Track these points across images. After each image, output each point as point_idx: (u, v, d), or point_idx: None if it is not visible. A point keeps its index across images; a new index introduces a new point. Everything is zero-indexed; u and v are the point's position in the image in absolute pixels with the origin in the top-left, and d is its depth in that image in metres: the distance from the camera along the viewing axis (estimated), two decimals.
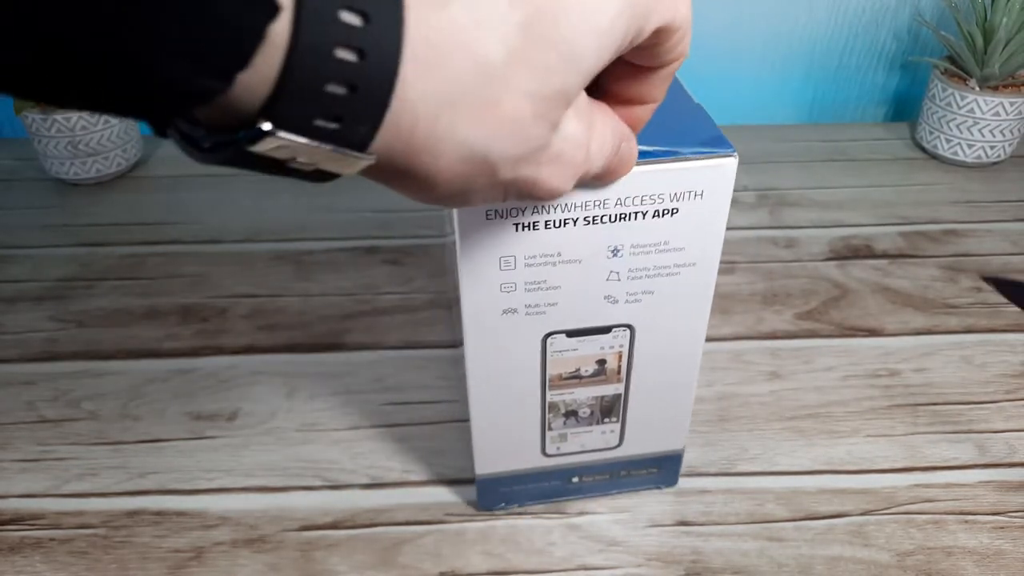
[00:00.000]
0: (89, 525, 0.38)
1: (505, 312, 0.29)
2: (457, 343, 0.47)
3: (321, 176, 0.18)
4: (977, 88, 0.64)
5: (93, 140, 0.63)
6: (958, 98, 0.64)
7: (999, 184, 0.65)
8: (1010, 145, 0.66)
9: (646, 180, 0.26)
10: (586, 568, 0.36)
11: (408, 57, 0.16)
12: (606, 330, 0.31)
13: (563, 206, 0.26)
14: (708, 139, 0.27)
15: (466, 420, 0.43)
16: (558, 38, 0.17)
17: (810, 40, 0.73)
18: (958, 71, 0.65)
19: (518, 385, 0.32)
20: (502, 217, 0.27)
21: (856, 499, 0.39)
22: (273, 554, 0.36)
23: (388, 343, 0.49)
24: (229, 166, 0.17)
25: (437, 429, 0.43)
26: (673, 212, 0.28)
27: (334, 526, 0.38)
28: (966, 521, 0.37)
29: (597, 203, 0.27)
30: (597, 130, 0.21)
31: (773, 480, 0.40)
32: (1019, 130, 0.65)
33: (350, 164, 0.17)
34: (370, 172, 0.18)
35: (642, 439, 0.36)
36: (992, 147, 0.65)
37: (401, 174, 0.18)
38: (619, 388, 0.34)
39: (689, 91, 0.31)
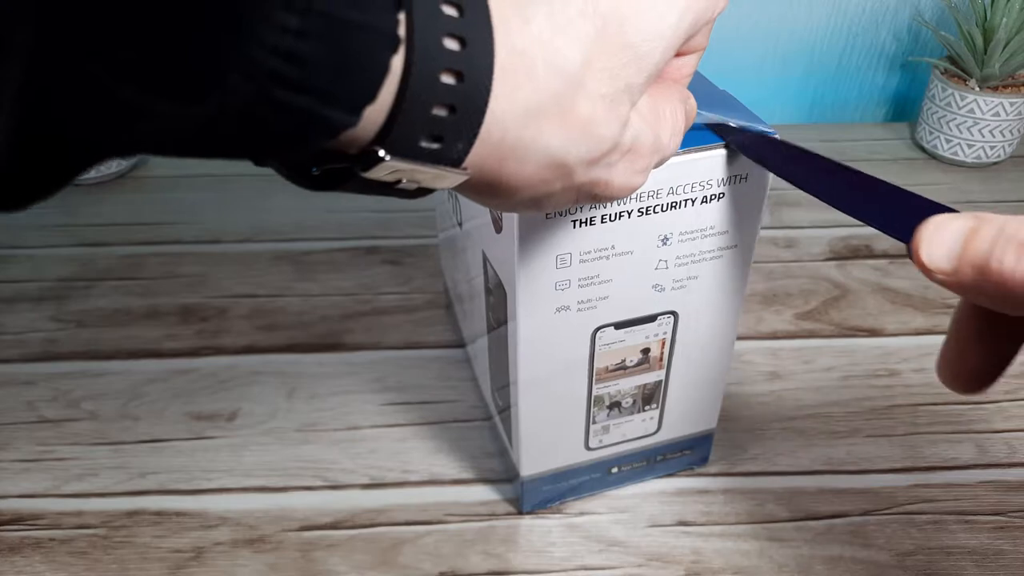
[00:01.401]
0: (89, 525, 0.38)
1: (559, 310, 0.30)
2: (461, 343, 0.48)
3: (421, 192, 0.19)
4: (977, 88, 0.64)
5: None
6: (958, 98, 0.64)
7: (999, 184, 0.65)
8: (1010, 145, 0.66)
9: (699, 167, 0.27)
10: (586, 568, 0.36)
11: (498, 74, 0.17)
12: (652, 319, 0.32)
13: (619, 200, 0.27)
14: (752, 125, 0.28)
15: (467, 420, 0.43)
16: (625, 43, 0.18)
17: (810, 40, 0.73)
18: (958, 71, 0.65)
19: (566, 382, 0.33)
20: (561, 215, 0.27)
21: (856, 499, 0.39)
22: (273, 554, 0.36)
23: (388, 343, 0.48)
24: (336, 191, 0.18)
25: (437, 429, 0.43)
26: (720, 197, 0.28)
27: (334, 526, 0.38)
28: (966, 521, 0.37)
29: (651, 194, 0.27)
30: (666, 117, 0.22)
31: (773, 480, 0.40)
32: (1019, 130, 0.65)
33: (449, 180, 0.18)
34: (460, 185, 0.19)
35: (679, 422, 0.37)
36: (992, 147, 0.65)
37: (487, 184, 0.19)
38: (660, 375, 0.34)
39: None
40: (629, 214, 0.28)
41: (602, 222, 0.28)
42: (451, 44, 0.16)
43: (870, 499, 0.39)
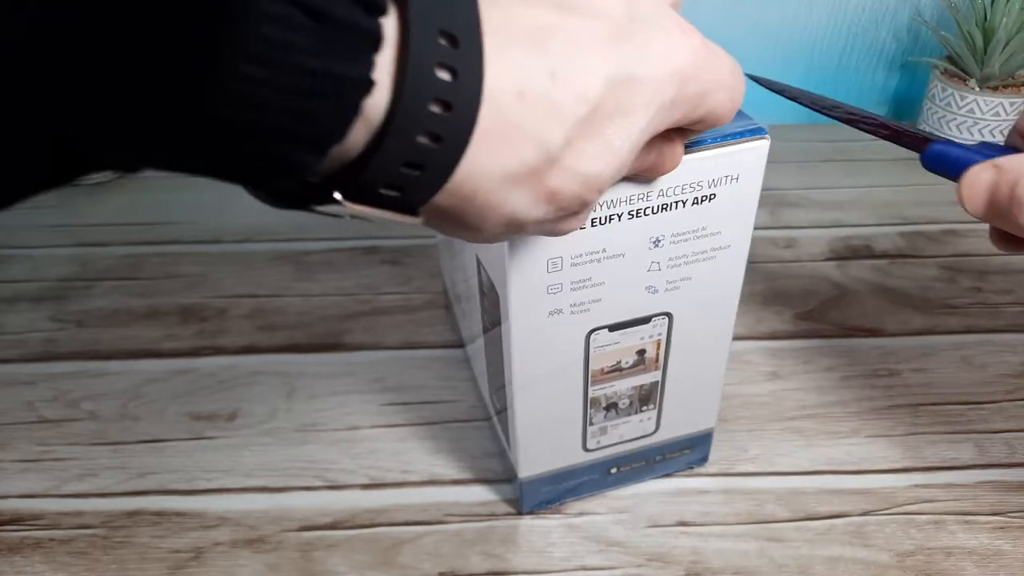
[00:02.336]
0: (89, 525, 0.38)
1: (551, 314, 0.30)
2: (460, 343, 0.48)
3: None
4: (977, 88, 0.64)
5: None
6: (958, 98, 0.64)
7: None
8: None
9: (689, 169, 0.27)
10: (586, 568, 0.36)
11: (479, 138, 0.17)
12: (646, 320, 0.32)
13: (609, 202, 0.27)
14: (741, 125, 0.28)
15: (467, 420, 0.43)
16: (603, 134, 0.19)
17: (810, 40, 0.73)
18: (958, 71, 0.65)
19: (562, 385, 0.33)
20: None
21: (856, 499, 0.39)
22: (273, 554, 0.36)
23: (388, 343, 0.48)
24: (289, 209, 0.18)
25: (437, 429, 0.43)
26: (711, 198, 0.28)
27: (334, 526, 0.38)
28: (966, 521, 0.37)
29: (641, 196, 0.27)
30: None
31: (773, 480, 0.40)
32: None
33: (398, 222, 0.18)
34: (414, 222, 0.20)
35: (677, 422, 0.37)
36: None
37: (447, 223, 0.20)
38: (657, 376, 0.34)
39: None
40: (620, 217, 0.27)
41: (592, 226, 0.27)
42: (435, 107, 0.16)
43: (870, 499, 0.39)
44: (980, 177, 0.25)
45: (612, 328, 0.31)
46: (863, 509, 0.38)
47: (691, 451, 0.39)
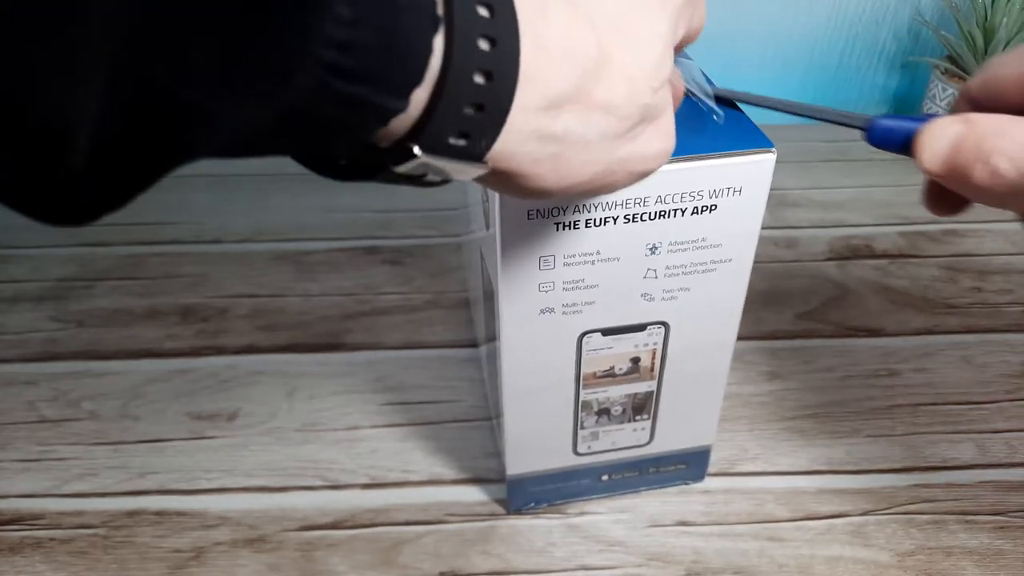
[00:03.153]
0: (89, 525, 0.38)
1: (543, 312, 0.29)
2: (461, 343, 0.48)
3: (443, 182, 0.19)
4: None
5: None
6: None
7: None
8: None
9: (688, 177, 0.27)
10: (586, 568, 0.36)
11: (523, 70, 0.17)
12: (641, 328, 0.31)
13: (604, 205, 0.27)
14: (747, 136, 0.27)
15: (467, 420, 0.43)
16: (633, 26, 0.19)
17: (810, 40, 0.73)
18: (958, 71, 0.65)
19: (552, 384, 0.32)
20: (543, 217, 0.27)
21: (856, 499, 0.39)
22: (273, 554, 0.36)
23: (388, 343, 0.48)
24: (362, 182, 0.18)
25: (437, 429, 0.43)
26: (712, 208, 0.28)
27: (334, 526, 0.38)
28: (966, 521, 0.37)
29: (638, 201, 0.27)
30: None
31: (773, 480, 0.40)
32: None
33: (470, 173, 0.19)
34: (484, 177, 0.20)
35: (672, 436, 0.36)
36: None
37: (512, 174, 0.19)
38: (652, 385, 0.34)
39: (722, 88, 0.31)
40: (615, 220, 0.27)
41: (586, 226, 0.27)
42: (483, 44, 0.16)
43: (870, 499, 0.39)
44: (946, 130, 0.24)
45: (605, 332, 0.31)
46: (863, 509, 0.38)
47: (686, 467, 0.38)
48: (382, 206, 0.62)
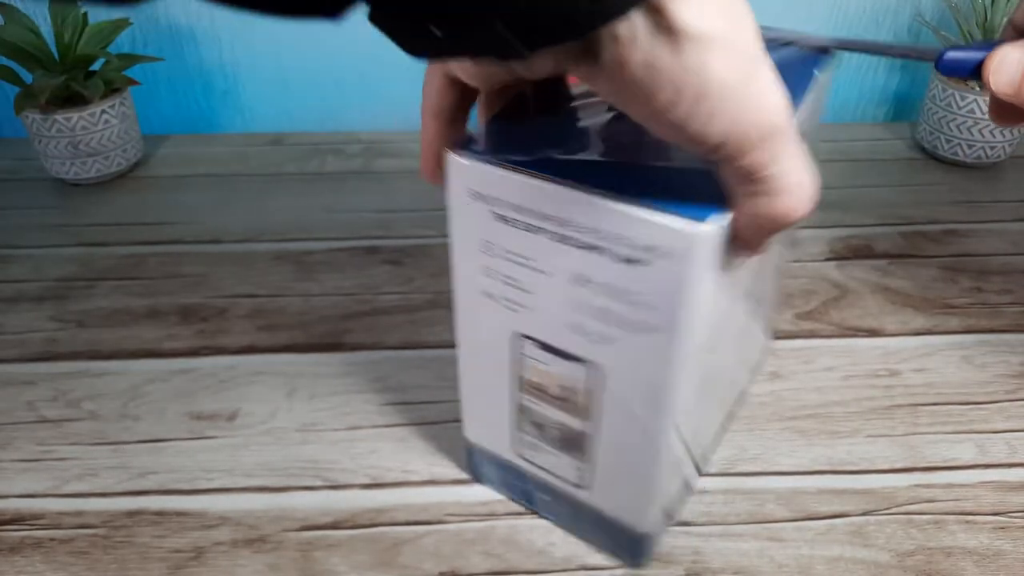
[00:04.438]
0: (89, 525, 0.38)
1: (485, 294, 0.30)
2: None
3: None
4: (977, 88, 0.64)
5: (93, 140, 0.63)
6: (958, 98, 0.64)
7: (999, 184, 0.65)
8: (1010, 145, 0.66)
9: (617, 216, 0.24)
10: (586, 568, 0.36)
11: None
12: (574, 358, 0.29)
13: (534, 213, 0.27)
14: (697, 200, 0.24)
15: None
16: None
17: None
18: None
19: (493, 368, 0.33)
20: (485, 203, 0.27)
21: (856, 499, 0.39)
22: (273, 554, 0.36)
23: (388, 343, 0.49)
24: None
25: (437, 429, 0.43)
26: (640, 262, 0.25)
27: (334, 526, 0.38)
28: (966, 521, 0.37)
29: (566, 223, 0.26)
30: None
31: (773, 480, 0.40)
32: (1019, 130, 0.65)
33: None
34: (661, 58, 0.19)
35: (609, 496, 0.33)
36: (992, 147, 0.65)
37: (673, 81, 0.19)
38: (587, 427, 0.31)
39: None
40: (547, 232, 0.26)
41: (518, 228, 0.27)
42: None
43: (870, 499, 0.39)
44: (1014, 56, 0.28)
45: (543, 347, 0.30)
46: (863, 509, 0.38)
47: (620, 547, 0.35)
48: (382, 206, 0.62)
